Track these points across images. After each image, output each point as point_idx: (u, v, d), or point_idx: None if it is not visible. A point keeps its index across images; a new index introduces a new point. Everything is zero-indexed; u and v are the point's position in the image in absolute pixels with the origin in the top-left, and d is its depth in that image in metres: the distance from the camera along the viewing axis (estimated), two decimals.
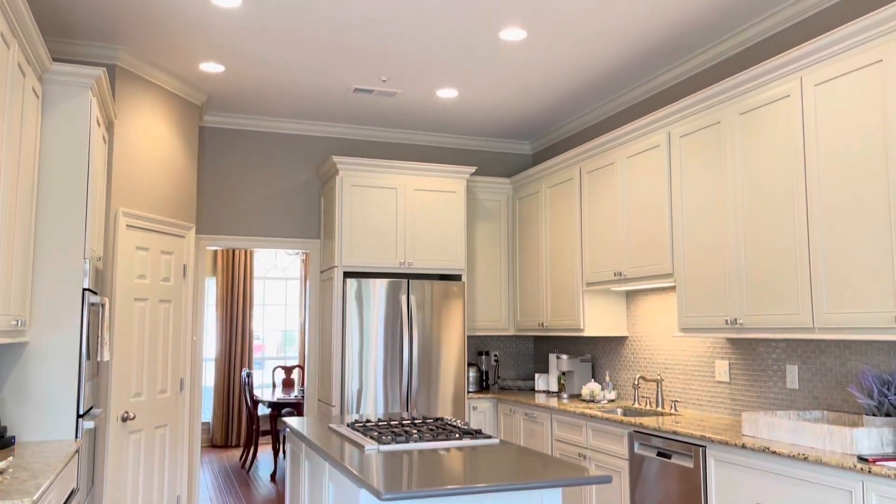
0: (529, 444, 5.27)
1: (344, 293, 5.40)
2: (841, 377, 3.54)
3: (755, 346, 4.09)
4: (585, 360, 5.59)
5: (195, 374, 5.33)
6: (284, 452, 8.13)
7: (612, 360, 5.42)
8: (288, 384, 8.93)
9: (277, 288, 10.35)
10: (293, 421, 3.94)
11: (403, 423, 3.62)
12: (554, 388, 5.72)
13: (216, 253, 9.81)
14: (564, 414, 4.82)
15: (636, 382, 4.73)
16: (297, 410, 7.62)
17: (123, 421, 4.46)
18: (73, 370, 3.44)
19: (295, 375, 9.39)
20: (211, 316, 9.75)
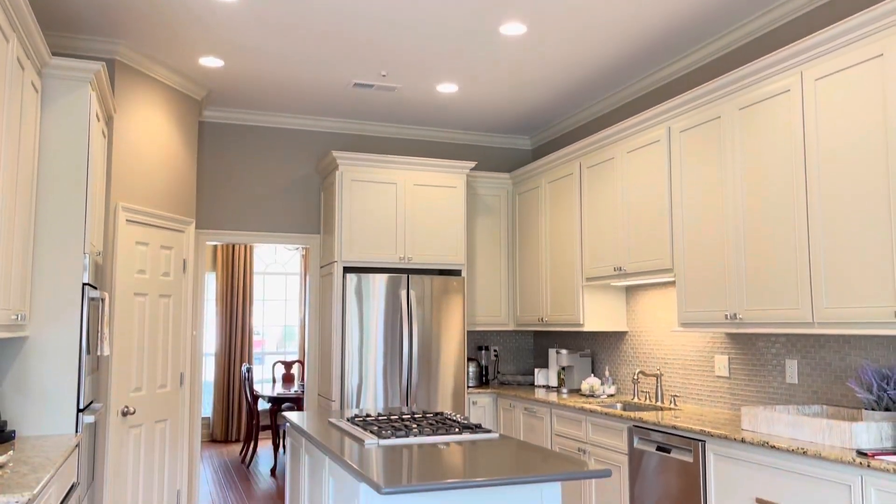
0: (529, 438, 5.28)
1: (344, 288, 5.40)
2: (840, 372, 3.54)
3: (755, 340, 4.10)
4: (585, 355, 5.59)
5: (195, 368, 5.34)
6: (284, 447, 8.14)
7: (611, 355, 5.43)
8: (288, 379, 8.95)
9: (277, 283, 10.35)
10: (293, 416, 3.94)
11: (403, 417, 3.63)
12: (553, 382, 5.73)
13: (216, 248, 9.82)
14: (564, 409, 4.83)
15: (636, 377, 4.73)
16: (296, 405, 7.63)
17: (123, 415, 4.47)
18: (73, 365, 3.44)
19: (295, 370, 9.40)
20: (211, 311, 9.75)
